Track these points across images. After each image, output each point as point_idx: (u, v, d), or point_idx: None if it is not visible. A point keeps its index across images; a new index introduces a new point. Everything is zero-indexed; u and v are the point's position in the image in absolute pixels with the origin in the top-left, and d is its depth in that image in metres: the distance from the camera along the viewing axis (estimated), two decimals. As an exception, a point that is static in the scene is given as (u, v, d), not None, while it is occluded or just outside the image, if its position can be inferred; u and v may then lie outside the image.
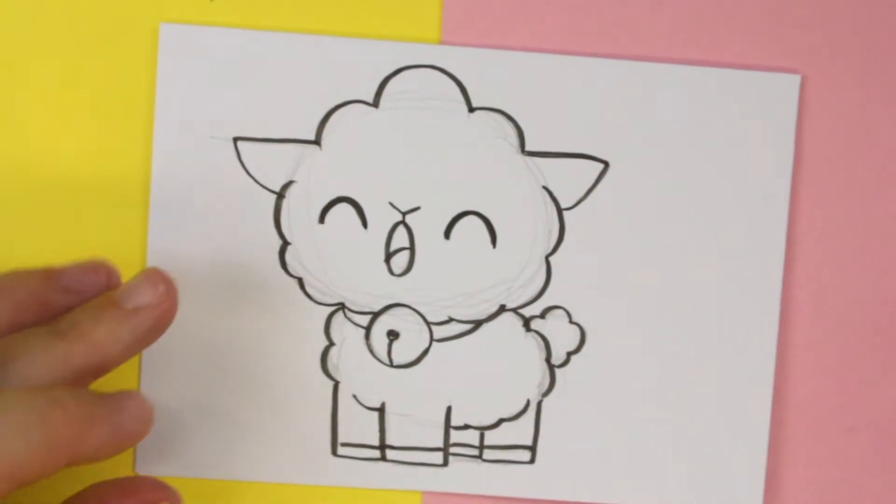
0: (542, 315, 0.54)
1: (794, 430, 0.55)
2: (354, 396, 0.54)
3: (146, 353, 0.53)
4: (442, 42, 0.53)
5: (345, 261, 0.53)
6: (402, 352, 0.54)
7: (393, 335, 0.54)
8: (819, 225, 0.54)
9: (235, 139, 0.53)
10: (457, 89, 0.53)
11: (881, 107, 0.54)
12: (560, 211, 0.53)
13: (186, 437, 0.54)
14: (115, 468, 0.54)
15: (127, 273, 0.54)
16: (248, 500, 0.55)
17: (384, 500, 0.55)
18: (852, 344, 0.55)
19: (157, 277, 0.46)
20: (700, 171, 0.54)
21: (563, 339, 0.54)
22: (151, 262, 0.53)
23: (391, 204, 0.53)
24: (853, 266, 0.55)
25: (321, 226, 0.53)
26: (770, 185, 0.54)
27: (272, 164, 0.53)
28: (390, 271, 0.53)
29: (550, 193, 0.53)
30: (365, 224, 0.53)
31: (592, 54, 0.54)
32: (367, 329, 0.54)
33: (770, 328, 0.54)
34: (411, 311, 0.54)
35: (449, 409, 0.54)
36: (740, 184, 0.54)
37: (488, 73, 0.53)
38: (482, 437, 0.54)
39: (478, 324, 0.54)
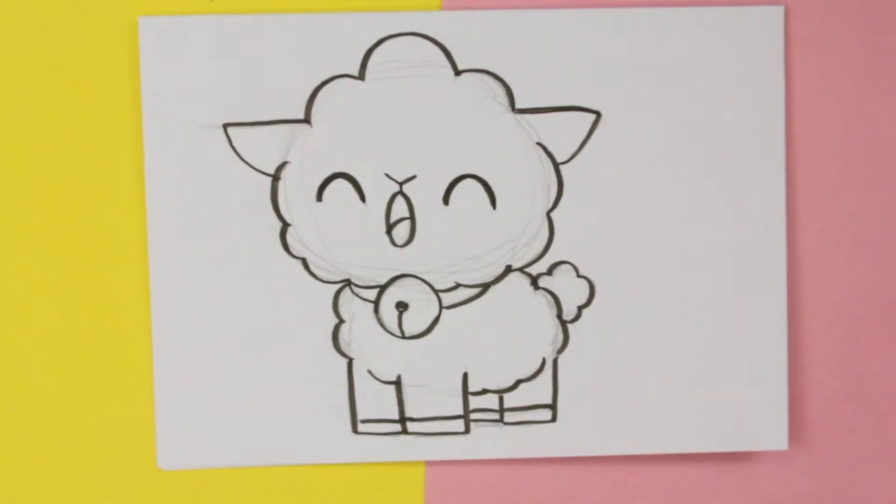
0: (550, 272, 0.54)
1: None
2: (370, 372, 0.54)
3: (158, 348, 0.53)
4: (443, 8, 0.53)
5: (346, 237, 0.53)
6: (413, 322, 0.54)
7: (402, 306, 0.54)
8: (816, 157, 0.54)
9: (225, 126, 0.53)
10: (441, 54, 0.53)
11: (866, 28, 0.54)
12: (556, 166, 0.53)
13: (206, 428, 0.54)
14: (138, 465, 0.55)
15: (131, 276, 0.54)
16: (274, 485, 0.55)
17: (402, 474, 0.55)
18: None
19: None
20: (693, 111, 0.53)
21: (572, 293, 0.54)
22: (154, 257, 0.53)
23: (387, 175, 0.53)
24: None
25: (319, 204, 0.53)
26: (764, 117, 0.53)
27: (264, 147, 0.53)
28: (393, 243, 0.53)
29: (545, 149, 0.53)
30: (363, 198, 0.53)
31: (572, 6, 0.53)
32: (376, 303, 0.54)
33: (778, 262, 0.54)
34: (418, 281, 0.53)
35: (465, 376, 0.54)
36: (735, 119, 0.53)
37: (471, 34, 0.53)
38: (501, 400, 0.54)
39: (485, 287, 0.54)
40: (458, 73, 0.53)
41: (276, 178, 0.53)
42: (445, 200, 0.53)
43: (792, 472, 0.56)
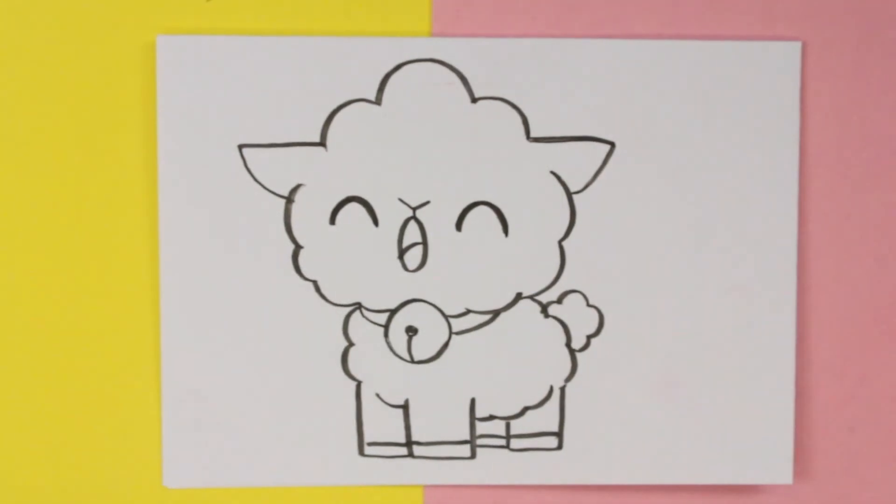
0: (560, 300, 0.54)
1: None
2: (378, 395, 0.54)
3: (166, 366, 0.53)
4: (433, 34, 0.53)
5: (358, 260, 0.53)
6: (422, 347, 0.54)
7: (412, 331, 0.54)
8: (830, 198, 0.54)
9: (241, 146, 0.53)
10: (458, 80, 0.53)
11: (881, 68, 0.54)
12: (570, 195, 0.53)
13: (212, 447, 0.54)
14: (144, 483, 0.55)
15: (142, 294, 0.54)
16: (279, 506, 0.55)
17: (407, 497, 0.55)
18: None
19: None
20: (707, 144, 0.53)
21: (581, 323, 0.54)
22: (165, 276, 0.53)
23: (401, 200, 0.53)
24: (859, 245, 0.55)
25: (332, 227, 0.53)
26: (778, 153, 0.54)
27: (279, 169, 0.53)
28: (404, 267, 0.53)
29: (559, 178, 0.53)
30: (376, 222, 0.53)
31: (590, 36, 0.53)
32: (386, 327, 0.54)
33: (788, 298, 0.54)
34: (428, 306, 0.53)
35: (473, 401, 0.54)
36: (748, 153, 0.53)
37: (488, 62, 0.53)
38: (508, 426, 0.54)
39: (496, 313, 0.54)
40: (474, 100, 0.53)
41: (289, 200, 0.53)
42: (458, 226, 0.53)
43: (797, 507, 0.56)
